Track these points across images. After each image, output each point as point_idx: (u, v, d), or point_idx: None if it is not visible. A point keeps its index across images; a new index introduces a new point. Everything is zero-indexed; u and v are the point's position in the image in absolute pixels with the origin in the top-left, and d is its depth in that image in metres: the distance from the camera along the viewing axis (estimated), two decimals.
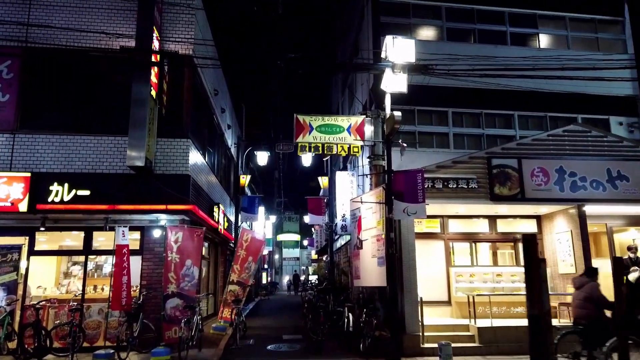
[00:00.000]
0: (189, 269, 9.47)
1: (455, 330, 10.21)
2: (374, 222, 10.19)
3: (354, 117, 11.05)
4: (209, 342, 10.42)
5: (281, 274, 52.12)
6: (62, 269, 11.32)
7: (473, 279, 11.62)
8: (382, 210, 9.86)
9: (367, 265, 10.35)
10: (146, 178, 9.46)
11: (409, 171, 9.60)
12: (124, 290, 9.35)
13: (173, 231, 9.57)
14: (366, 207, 10.60)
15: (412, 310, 9.71)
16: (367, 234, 10.50)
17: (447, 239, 11.93)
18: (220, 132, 15.38)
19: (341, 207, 15.23)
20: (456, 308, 11.35)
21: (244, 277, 12.18)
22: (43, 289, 10.73)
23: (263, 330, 13.12)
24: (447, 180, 10.40)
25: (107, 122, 9.85)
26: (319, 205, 17.40)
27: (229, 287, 11.97)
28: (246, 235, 12.33)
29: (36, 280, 10.70)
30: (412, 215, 9.41)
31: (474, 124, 13.78)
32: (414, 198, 9.40)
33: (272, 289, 36.73)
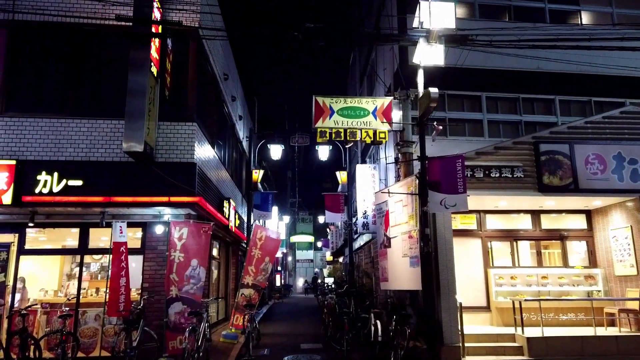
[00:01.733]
0: (195, 269, 8.31)
1: (498, 340, 8.90)
2: (404, 217, 8.94)
3: (380, 98, 9.81)
4: (218, 353, 9.25)
5: (295, 276, 50.92)
6: (66, 271, 10.25)
7: (515, 281, 10.29)
8: (414, 203, 8.60)
9: (397, 266, 9.10)
10: (146, 167, 8.34)
11: (446, 157, 8.34)
12: (122, 294, 8.23)
13: (177, 227, 8.43)
14: (395, 200, 9.35)
15: (450, 317, 8.43)
16: (396, 230, 9.25)
17: (484, 237, 10.61)
18: (231, 123, 14.25)
19: (362, 203, 13.98)
20: (496, 315, 10.03)
21: (260, 279, 10.99)
22: (44, 292, 9.67)
23: (278, 338, 11.92)
24: (488, 168, 9.11)
25: (102, 104, 8.76)
26: (337, 202, 16.17)
27: (243, 290, 10.79)
28: (260, 233, 11.15)
29: (38, 282, 9.66)
30: (450, 208, 8.15)
31: (510, 110, 12.44)
32: (452, 188, 8.14)
33: (286, 292, 35.56)
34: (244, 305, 9.97)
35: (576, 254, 10.90)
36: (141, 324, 8.29)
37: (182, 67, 9.13)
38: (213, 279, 13.17)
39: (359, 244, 17.90)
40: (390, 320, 9.17)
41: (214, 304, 12.31)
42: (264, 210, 15.76)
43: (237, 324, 10.57)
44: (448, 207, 8.16)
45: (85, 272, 9.77)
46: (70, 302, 8.66)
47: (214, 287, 13.17)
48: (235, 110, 14.54)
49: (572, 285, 10.27)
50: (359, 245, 18.05)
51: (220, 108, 12.51)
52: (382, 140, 9.73)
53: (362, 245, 16.62)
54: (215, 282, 13.29)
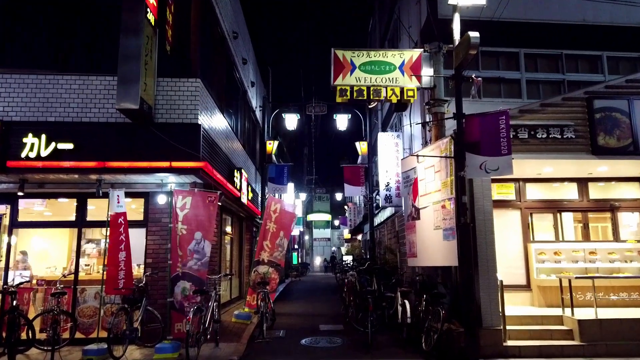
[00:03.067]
0: (199, 243, 7.42)
1: (543, 323, 7.87)
2: (436, 185, 7.88)
3: (408, 51, 8.66)
4: (229, 334, 8.43)
5: (312, 254, 50.38)
6: (74, 247, 9.46)
7: (559, 257, 9.18)
8: (448, 168, 7.53)
9: (427, 240, 8.09)
10: (145, 128, 7.41)
11: (488, 114, 7.22)
12: (122, 270, 7.43)
13: (180, 196, 7.52)
14: (425, 166, 8.28)
15: (489, 297, 7.41)
16: (426, 200, 8.21)
17: (524, 208, 9.48)
18: (243, 90, 13.23)
19: (384, 175, 12.91)
20: (538, 294, 8.97)
21: (277, 256, 10.08)
22: (53, 268, 8.95)
23: (295, 318, 11.09)
24: (534, 128, 7.94)
25: (96, 59, 7.84)
26: (357, 175, 15.14)
27: (258, 268, 9.89)
28: (274, 205, 10.20)
29: (47, 259, 8.92)
30: (491, 172, 7.07)
31: (552, 69, 11.14)
32: (494, 149, 7.04)
33: (304, 270, 34.94)
34: (257, 283, 9.10)
35: (628, 227, 9.71)
36: (143, 302, 7.52)
37: (185, 18, 8.11)
38: (227, 255, 12.36)
39: (380, 219, 16.89)
40: (419, 300, 8.21)
41: (223, 282, 11.51)
42: (279, 183, 14.83)
43: (252, 303, 9.72)
44: (489, 171, 7.07)
45: (95, 249, 9.01)
46: (66, 279, 7.88)
47: (227, 264, 12.37)
48: (247, 75, 13.48)
49: (624, 261, 9.12)
50: (380, 221, 17.05)
51: (229, 70, 11.48)
52: (410, 100, 8.61)
53: (383, 221, 15.61)
54: (229, 259, 12.48)
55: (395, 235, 11.84)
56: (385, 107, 17.19)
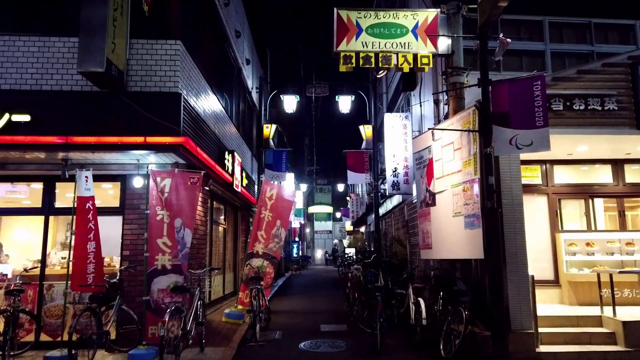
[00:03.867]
0: (179, 231, 6.35)
1: (579, 324, 6.82)
2: (456, 165, 6.79)
3: (423, 11, 7.54)
4: (217, 336, 7.40)
5: (313, 247, 49.39)
6: (60, 239, 8.37)
7: (591, 249, 8.11)
8: (472, 144, 6.44)
9: (445, 229, 7.02)
10: (116, 98, 6.33)
11: (519, 80, 6.13)
12: (91, 263, 6.40)
13: (157, 177, 6.44)
14: (443, 144, 7.19)
15: (519, 295, 6.36)
16: (443, 183, 7.13)
17: (552, 194, 8.40)
18: (237, 67, 12.12)
19: (391, 160, 11.82)
20: (568, 290, 7.91)
21: (272, 247, 9.01)
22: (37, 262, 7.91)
23: (294, 316, 10.05)
24: (570, 98, 6.84)
25: (58, 18, 6.73)
26: (361, 161, 14.05)
27: (251, 261, 8.82)
28: (270, 191, 9.12)
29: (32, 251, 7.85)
30: (524, 148, 5.98)
31: (579, 39, 10.01)
32: (527, 121, 5.95)
33: (304, 263, 33.95)
34: (250, 278, 8.04)
35: None
36: (117, 301, 6.48)
37: None
38: (220, 248, 11.33)
39: (386, 208, 15.83)
40: (435, 298, 7.17)
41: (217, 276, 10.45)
42: (277, 169, 13.75)
43: (244, 300, 8.67)
44: (521, 147, 5.98)
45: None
46: (28, 273, 6.83)
47: (221, 257, 11.34)
48: (241, 51, 12.36)
49: None
50: (385, 210, 15.98)
51: (221, 43, 10.37)
52: (425, 68, 7.50)
53: (389, 210, 14.55)
54: (222, 252, 11.44)
55: (405, 224, 10.77)
56: (391, 90, 16.06)
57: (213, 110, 8.97)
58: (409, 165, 11.84)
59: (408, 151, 11.88)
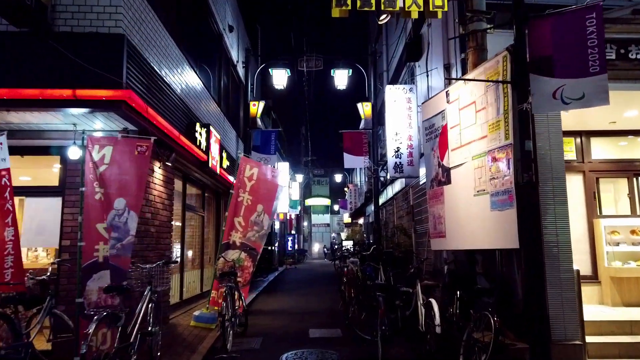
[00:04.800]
0: (121, 215, 4.88)
1: (634, 331, 5.41)
2: (479, 130, 5.34)
3: None
4: (181, 345, 5.96)
5: (310, 240, 48.03)
6: None
7: (637, 238, 6.69)
8: (501, 101, 4.98)
9: (464, 212, 5.58)
10: (38, 39, 4.86)
11: (565, 13, 4.66)
12: (9, 255, 5.01)
13: (96, 144, 4.97)
14: (461, 106, 5.74)
15: (562, 296, 4.95)
16: (461, 154, 5.68)
17: (588, 172, 6.95)
18: (217, 32, 10.61)
19: (393, 139, 10.36)
20: (611, 288, 6.49)
21: (251, 237, 7.57)
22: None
23: (280, 318, 8.63)
24: (625, 44, 5.39)
25: None
26: (359, 142, 12.59)
27: (227, 253, 7.37)
28: (250, 170, 7.65)
29: None
30: (572, 102, 4.55)
31: None
32: (577, 67, 4.52)
33: (301, 257, 32.54)
34: (221, 274, 6.60)
35: None
36: (47, 304, 5.05)
37: None
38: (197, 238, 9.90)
39: (387, 196, 14.38)
40: (449, 298, 5.74)
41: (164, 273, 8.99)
42: (266, 152, 12.30)
43: (217, 300, 7.22)
44: (568, 100, 4.53)
45: None
46: None
47: (198, 249, 9.91)
48: (222, 13, 10.82)
49: None
50: (386, 198, 14.53)
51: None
52: (438, 12, 6.01)
53: (390, 198, 13.11)
54: (199, 243, 10.01)
55: (409, 211, 9.33)
56: (392, 65, 14.54)
57: (182, 74, 7.50)
58: (414, 145, 10.38)
59: (413, 129, 10.42)
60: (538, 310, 4.47)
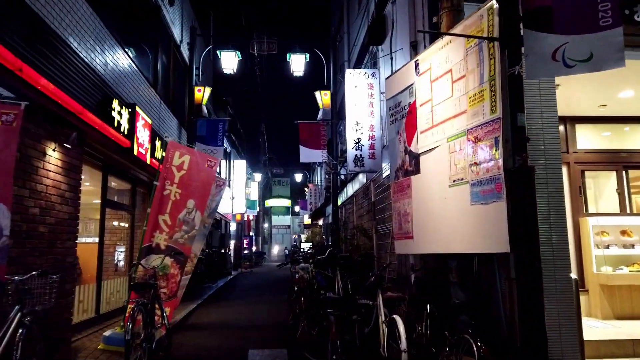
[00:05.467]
0: None
1: (636, 352, 4.48)
2: (455, 104, 4.27)
3: None
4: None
5: (270, 243, 46.58)
6: None
7: (629, 239, 5.85)
8: (485, 66, 3.93)
9: (436, 207, 4.51)
10: None
11: None
12: None
13: None
14: (433, 77, 4.67)
15: (558, 310, 3.95)
16: (433, 136, 4.61)
17: (573, 163, 6.06)
18: (154, 3, 9.20)
19: (353, 129, 9.29)
20: (601, 298, 5.60)
21: (179, 239, 6.25)
22: None
23: (217, 334, 7.35)
24: (631, 3, 4.46)
25: None
26: (317, 134, 11.46)
27: (151, 258, 6.03)
28: (179, 158, 6.32)
29: None
30: (576, 65, 3.58)
31: None
32: (583, 20, 3.58)
33: (259, 260, 31.08)
34: (132, 286, 5.26)
35: None
36: None
37: None
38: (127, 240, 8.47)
39: (347, 194, 13.31)
40: (417, 312, 4.65)
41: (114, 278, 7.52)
42: (212, 143, 10.95)
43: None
44: (571, 62, 3.54)
45: None
46: None
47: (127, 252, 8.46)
48: None
49: None
50: (346, 197, 13.45)
51: None
52: None
53: (351, 196, 12.03)
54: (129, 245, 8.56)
55: (370, 208, 8.25)
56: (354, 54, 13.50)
57: (96, 41, 6.12)
58: (376, 136, 9.34)
59: (375, 118, 9.37)
60: (536, 334, 3.42)
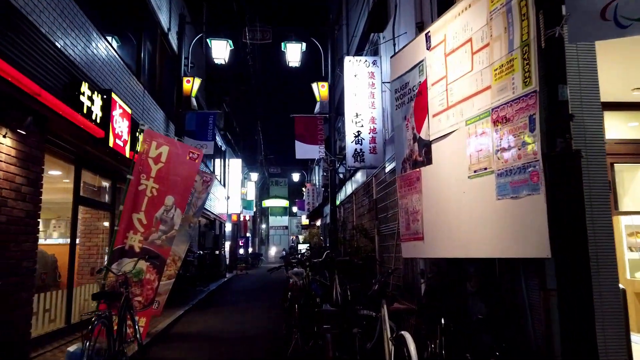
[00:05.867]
0: None
1: None
2: (477, 80, 3.56)
3: None
4: None
5: (267, 244, 45.84)
6: None
7: None
8: (514, 30, 3.21)
9: (452, 203, 3.80)
10: None
11: None
12: None
13: None
14: (448, 50, 3.96)
15: (603, 326, 3.21)
16: (448, 119, 3.90)
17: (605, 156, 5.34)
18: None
19: (353, 121, 8.59)
20: (636, 308, 4.89)
21: (156, 240, 5.53)
22: None
23: (202, 347, 6.63)
24: None
25: None
26: (314, 129, 10.75)
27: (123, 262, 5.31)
28: (157, 149, 5.59)
29: None
30: (632, 25, 2.83)
31: None
32: None
33: (255, 262, 30.34)
34: (95, 295, 4.53)
35: None
36: None
37: None
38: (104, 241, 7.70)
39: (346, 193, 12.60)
40: (430, 328, 3.94)
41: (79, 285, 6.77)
42: (202, 138, 10.24)
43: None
44: (626, 22, 2.85)
45: None
46: None
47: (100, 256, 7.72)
48: None
49: None
50: (344, 196, 12.74)
51: None
52: None
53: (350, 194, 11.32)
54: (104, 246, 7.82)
55: (372, 207, 7.54)
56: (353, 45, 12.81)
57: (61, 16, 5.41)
58: (378, 129, 8.64)
59: (376, 109, 8.68)
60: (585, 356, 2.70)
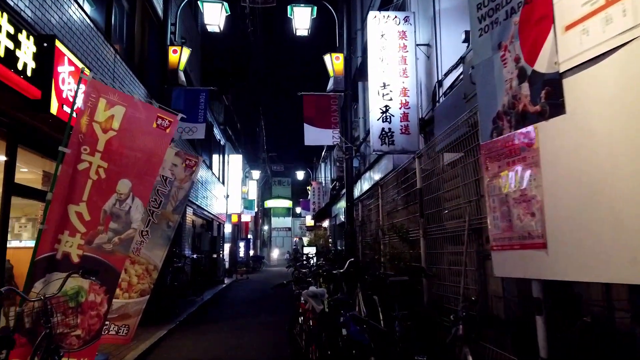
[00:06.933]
0: None
1: None
2: None
3: None
4: None
5: (270, 246, 43.99)
6: None
7: None
8: None
9: (615, 187, 1.92)
10: None
11: None
12: None
13: None
14: None
15: None
16: (604, 26, 2.03)
17: None
18: None
19: (379, 93, 6.79)
20: None
21: (105, 243, 3.74)
22: None
23: None
24: None
25: None
26: (326, 109, 8.90)
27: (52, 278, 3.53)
28: (108, 110, 3.80)
29: None
30: None
31: None
32: None
33: (257, 265, 28.52)
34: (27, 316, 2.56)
35: None
36: None
37: None
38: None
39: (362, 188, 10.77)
40: None
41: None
42: (192, 119, 8.48)
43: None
44: None
45: None
46: None
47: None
48: None
49: None
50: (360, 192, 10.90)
51: None
52: None
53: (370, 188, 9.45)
54: None
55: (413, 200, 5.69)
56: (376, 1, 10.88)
57: None
58: (411, 104, 6.83)
59: (410, 78, 6.86)
60: None
